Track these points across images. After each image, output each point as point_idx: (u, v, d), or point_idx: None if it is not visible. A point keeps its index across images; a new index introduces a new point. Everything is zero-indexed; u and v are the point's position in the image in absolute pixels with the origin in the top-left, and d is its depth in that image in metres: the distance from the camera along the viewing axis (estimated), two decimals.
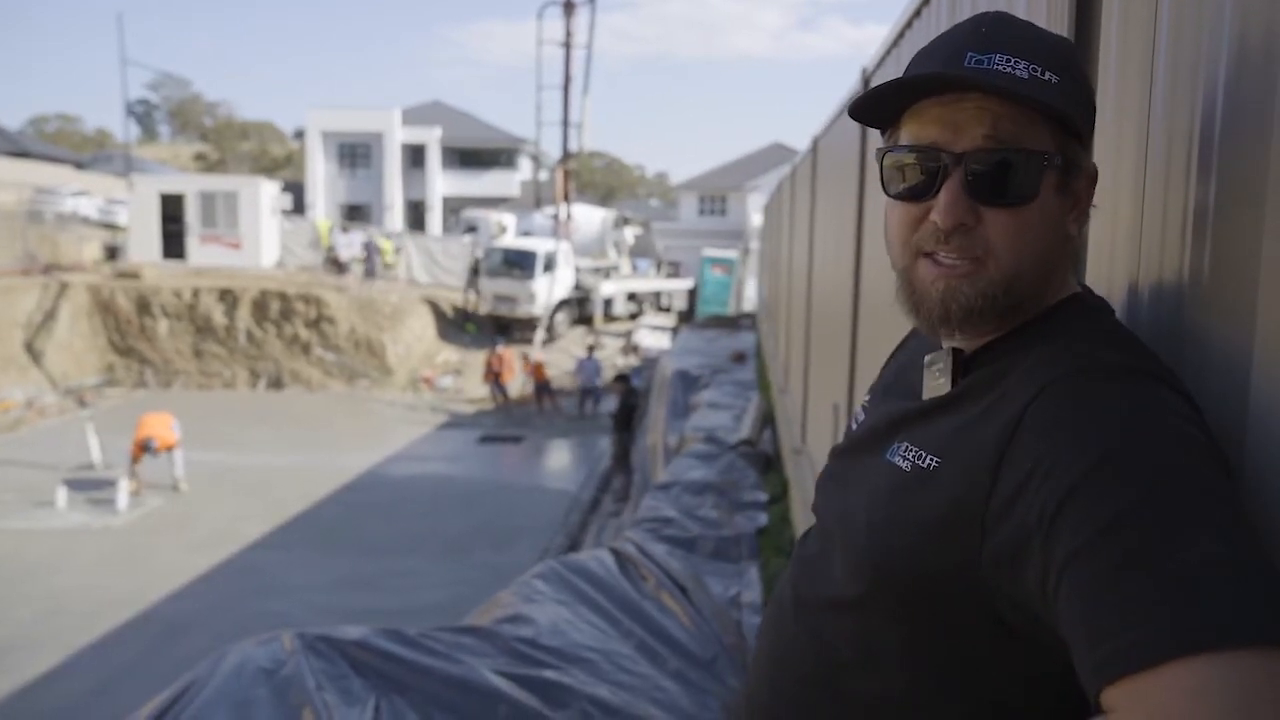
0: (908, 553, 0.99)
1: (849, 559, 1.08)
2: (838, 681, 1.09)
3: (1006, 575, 0.89)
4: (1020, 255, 1.00)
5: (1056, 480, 0.84)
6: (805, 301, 7.87)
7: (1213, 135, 1.04)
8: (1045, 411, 0.90)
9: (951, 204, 1.00)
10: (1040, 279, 1.03)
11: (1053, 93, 0.99)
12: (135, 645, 9.25)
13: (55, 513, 13.28)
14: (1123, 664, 0.72)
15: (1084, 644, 0.77)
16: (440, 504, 14.34)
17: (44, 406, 20.02)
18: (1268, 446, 0.92)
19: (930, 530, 0.97)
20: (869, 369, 4.07)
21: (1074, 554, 0.80)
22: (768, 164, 44.94)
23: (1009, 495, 0.89)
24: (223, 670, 3.74)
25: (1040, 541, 0.84)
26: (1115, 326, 1.05)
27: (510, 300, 26.09)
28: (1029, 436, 0.90)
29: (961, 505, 0.94)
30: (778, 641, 1.20)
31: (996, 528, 0.90)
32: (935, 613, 0.99)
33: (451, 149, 47.09)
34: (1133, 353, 0.97)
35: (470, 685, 3.86)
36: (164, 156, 60.74)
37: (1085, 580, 0.78)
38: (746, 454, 8.92)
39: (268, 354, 23.60)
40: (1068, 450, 0.85)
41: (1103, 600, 0.76)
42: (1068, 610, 0.79)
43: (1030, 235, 1.00)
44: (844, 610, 1.08)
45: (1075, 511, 0.81)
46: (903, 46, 3.59)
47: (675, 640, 4.59)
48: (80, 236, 28.31)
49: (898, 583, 1.01)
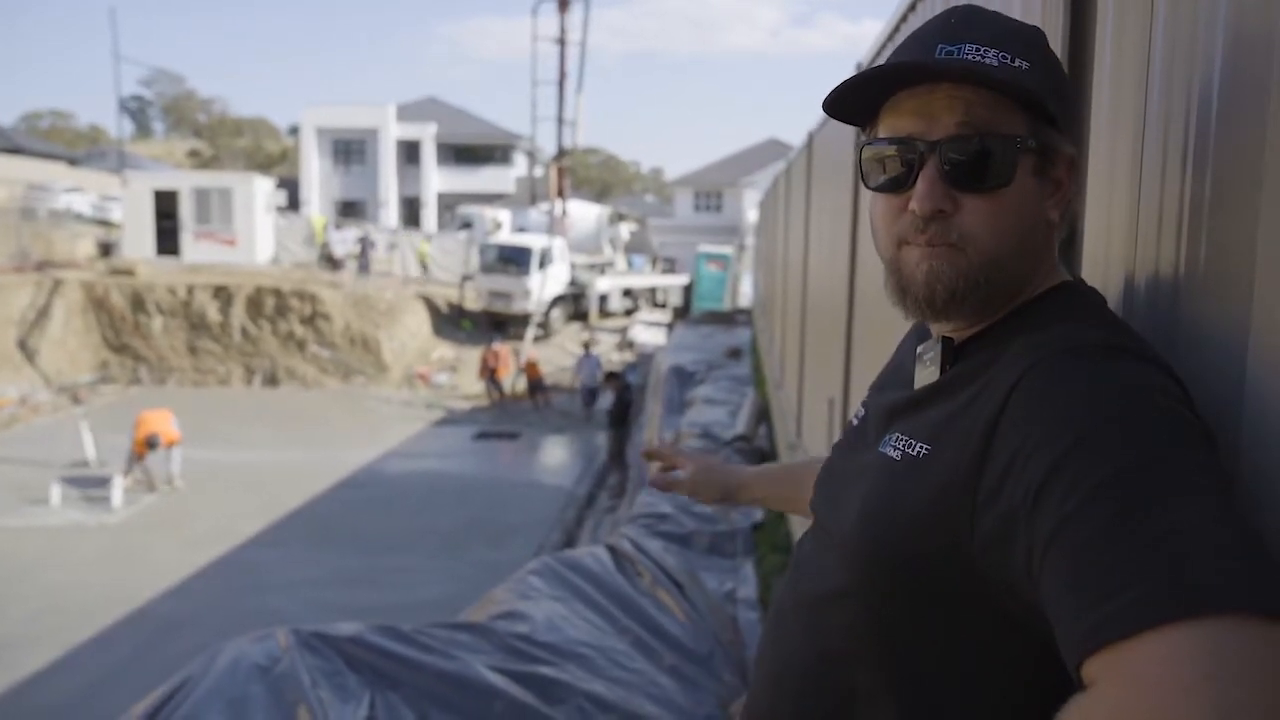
0: (900, 540, 0.99)
1: (844, 551, 1.08)
2: (837, 675, 1.09)
3: (997, 559, 0.90)
4: (999, 240, 1.02)
5: (1039, 459, 0.84)
6: (801, 297, 7.87)
7: (1208, 127, 1.04)
8: (1029, 393, 0.91)
9: (928, 191, 1.01)
10: (1022, 264, 1.04)
11: (1023, 78, 1.00)
12: (130, 642, 9.24)
13: (50, 510, 13.25)
14: (1101, 635, 0.73)
15: (1065, 620, 0.77)
16: (436, 500, 14.33)
17: (38, 404, 19.97)
18: (1263, 437, 0.92)
19: (922, 517, 0.97)
20: (864, 364, 4.07)
21: (1055, 530, 0.80)
22: (763, 160, 44.94)
23: (996, 478, 0.90)
24: (218, 667, 3.74)
25: (1025, 520, 0.84)
26: (1102, 310, 1.05)
27: (506, 296, 26.08)
28: (1014, 419, 0.90)
29: (951, 491, 0.94)
30: (779, 640, 1.20)
31: (985, 512, 0.91)
32: (930, 601, 0.99)
33: (447, 145, 47.04)
34: (1116, 332, 0.97)
35: (466, 681, 3.86)
36: (158, 153, 60.63)
37: (1065, 555, 0.79)
38: (742, 449, 8.94)
39: (263, 351, 23.57)
40: (1050, 429, 0.86)
41: (1082, 573, 0.77)
42: (1050, 585, 0.80)
43: (1008, 220, 1.02)
44: (840, 602, 1.08)
45: (1057, 488, 0.82)
46: (897, 41, 3.58)
47: (671, 636, 4.60)
48: (74, 233, 28.27)
49: (891, 571, 1.01)
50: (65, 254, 26.34)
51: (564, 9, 28.18)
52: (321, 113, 44.08)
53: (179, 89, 78.42)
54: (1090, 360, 0.91)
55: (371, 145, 44.30)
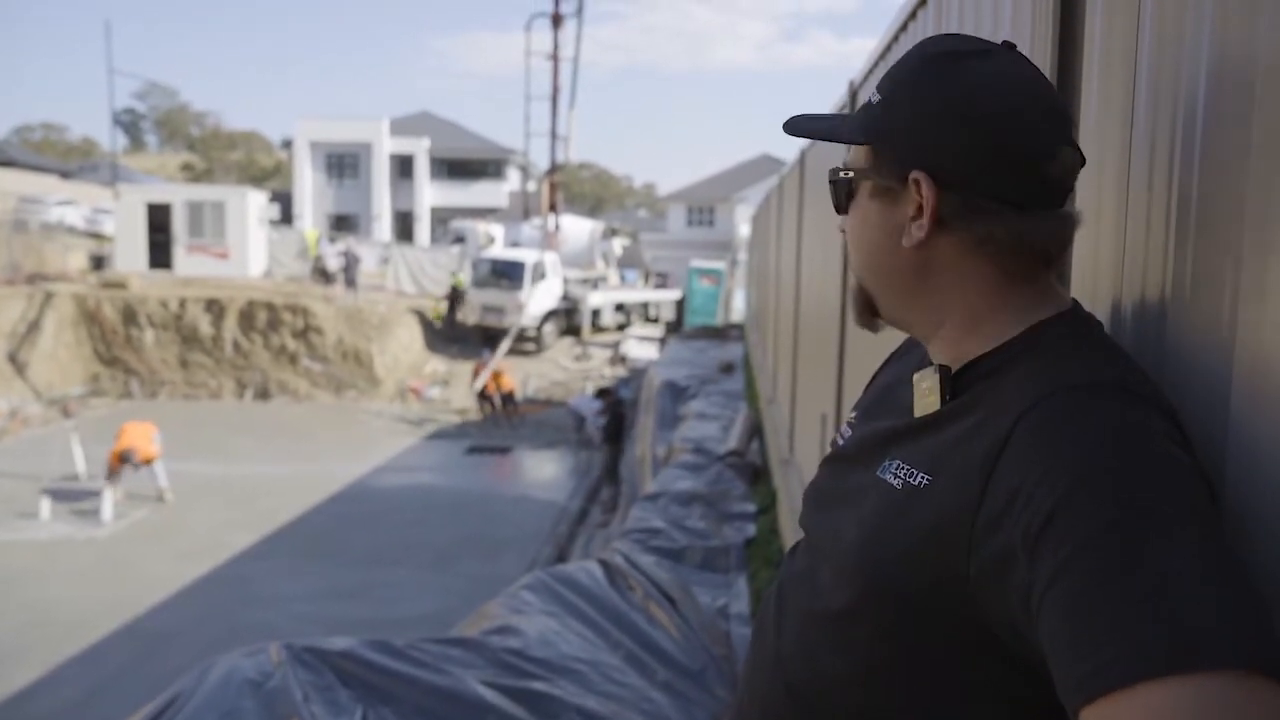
0: (897, 567, 1.00)
1: (838, 573, 1.09)
2: (825, 694, 1.09)
3: (993, 591, 0.91)
4: (858, 257, 1.15)
5: (1040, 500, 0.85)
6: (793, 312, 7.89)
7: (1193, 149, 1.06)
8: (1032, 430, 0.91)
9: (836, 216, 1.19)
10: (892, 280, 1.12)
11: (849, 121, 1.14)
12: (121, 656, 9.19)
13: (39, 523, 13.20)
14: (1098, 684, 0.74)
15: (1064, 663, 0.78)
16: (427, 514, 14.30)
17: (28, 416, 19.89)
18: (1248, 460, 0.94)
19: (919, 545, 0.98)
20: (857, 380, 4.09)
21: (1055, 573, 0.81)
22: (756, 175, 45.09)
23: (996, 513, 0.90)
24: (209, 681, 3.72)
25: (1025, 560, 0.85)
26: (1104, 341, 1.05)
27: (498, 311, 26.08)
28: (1015, 455, 0.91)
29: (950, 522, 0.95)
30: (768, 653, 1.20)
31: (983, 544, 0.91)
32: (922, 627, 1.00)
33: (440, 159, 47.11)
34: (1121, 370, 0.98)
35: (458, 696, 3.86)
36: (151, 166, 60.61)
37: (1065, 599, 0.80)
38: (734, 465, 8.94)
39: (255, 364, 23.52)
40: (1052, 470, 0.86)
41: (1080, 620, 0.78)
42: (1048, 629, 0.81)
43: (859, 242, 1.14)
44: (832, 623, 1.09)
45: (1054, 533, 0.83)
46: (889, 59, 3.62)
47: (663, 651, 4.59)
48: (66, 246, 28.22)
49: (886, 596, 1.02)
50: (57, 267, 26.28)
51: (557, 25, 28.31)
52: (315, 126, 44.11)
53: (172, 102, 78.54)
54: (1095, 401, 0.91)
55: (365, 159, 44.32)
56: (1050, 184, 1.03)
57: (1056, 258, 1.07)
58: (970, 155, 1.02)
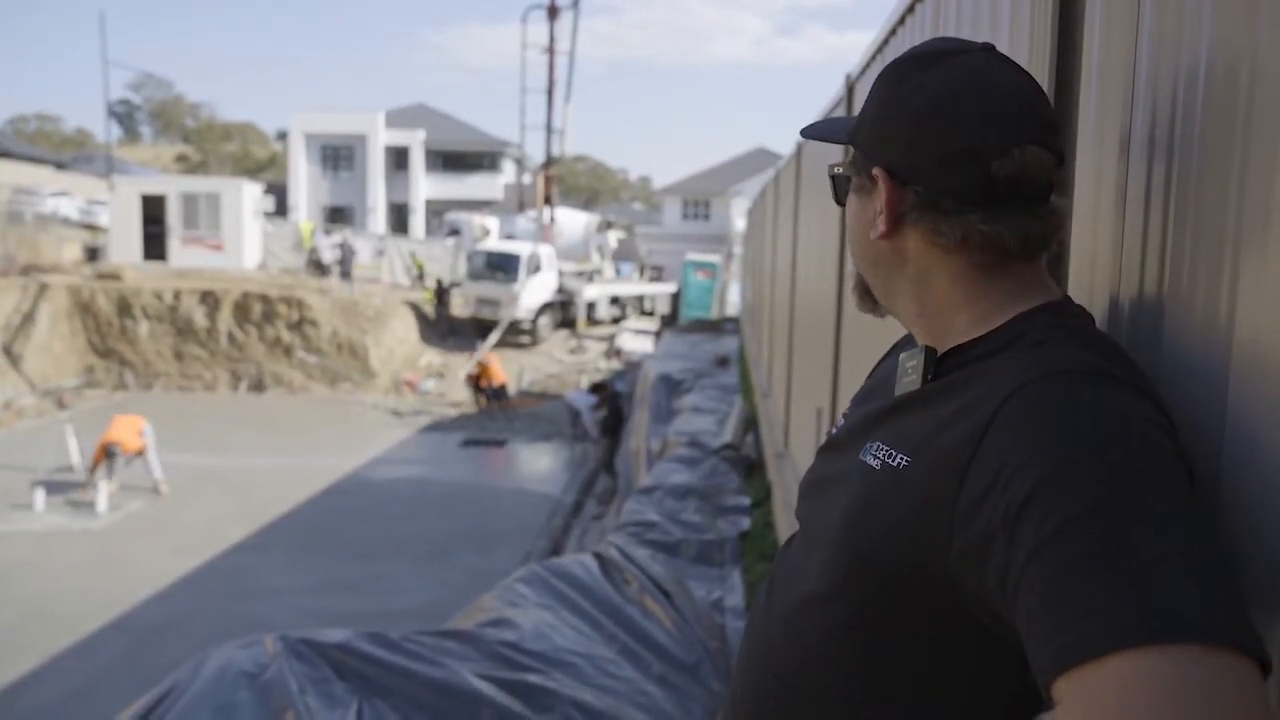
0: (879, 549, 1.01)
1: (824, 557, 1.10)
2: (816, 678, 1.11)
3: (973, 573, 0.91)
4: (852, 248, 1.23)
5: (1019, 483, 0.86)
6: (789, 305, 7.90)
7: (1191, 148, 1.06)
8: (1014, 414, 0.92)
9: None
10: (871, 275, 1.21)
11: (837, 121, 1.28)
12: (116, 649, 9.19)
13: (33, 515, 13.17)
14: (1068, 656, 0.75)
15: (1038, 640, 0.79)
16: (422, 507, 14.30)
17: (22, 408, 19.85)
18: (1244, 454, 0.94)
19: (900, 527, 0.99)
20: (852, 373, 4.09)
21: (1031, 553, 0.82)
22: (751, 169, 45.09)
23: (977, 495, 0.91)
24: (205, 674, 3.73)
25: (1003, 541, 0.86)
26: (1090, 330, 1.06)
27: (493, 303, 26.06)
28: (998, 438, 0.92)
29: (930, 504, 0.96)
30: (759, 642, 1.22)
31: (964, 527, 0.92)
32: (906, 609, 1.01)
33: (435, 152, 47.03)
34: (1105, 356, 0.98)
35: (453, 689, 3.86)
36: (145, 158, 60.43)
37: (1039, 580, 0.81)
38: (729, 458, 8.94)
39: (249, 356, 23.48)
40: (1031, 453, 0.87)
41: (1055, 597, 0.79)
42: (1025, 607, 0.82)
43: (849, 233, 1.23)
44: (819, 607, 1.10)
45: (1034, 514, 0.84)
46: (886, 54, 3.61)
47: (658, 644, 4.60)
48: (60, 237, 28.12)
49: (869, 579, 1.03)
50: (51, 258, 26.20)
51: (553, 17, 28.28)
52: (310, 118, 44.02)
53: (167, 93, 78.31)
54: (1077, 385, 0.92)
55: (360, 151, 44.25)
56: (1003, 183, 1.03)
57: (1030, 252, 1.07)
58: (916, 152, 1.07)
